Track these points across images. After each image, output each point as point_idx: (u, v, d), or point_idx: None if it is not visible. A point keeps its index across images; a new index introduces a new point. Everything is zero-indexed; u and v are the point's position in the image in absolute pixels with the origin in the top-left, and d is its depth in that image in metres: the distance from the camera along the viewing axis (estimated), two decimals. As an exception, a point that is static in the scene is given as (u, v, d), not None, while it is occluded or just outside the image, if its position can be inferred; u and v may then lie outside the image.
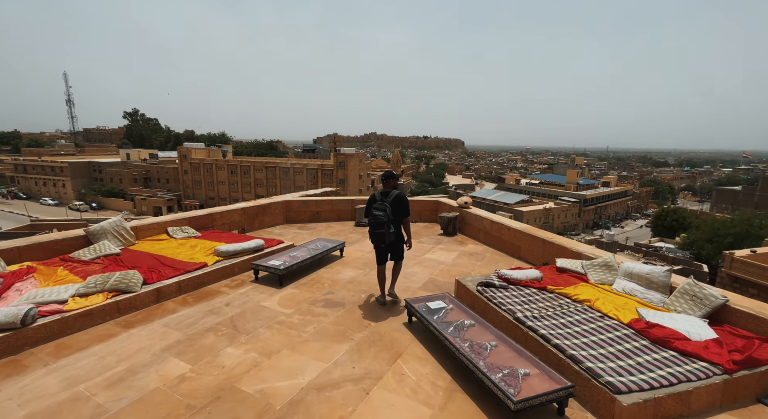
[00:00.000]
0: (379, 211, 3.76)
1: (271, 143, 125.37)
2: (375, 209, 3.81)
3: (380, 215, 3.74)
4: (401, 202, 3.91)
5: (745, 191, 55.22)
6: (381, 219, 3.73)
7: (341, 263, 5.60)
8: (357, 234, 7.45)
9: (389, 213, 3.76)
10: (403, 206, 3.93)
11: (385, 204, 3.80)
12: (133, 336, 3.31)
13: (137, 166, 73.52)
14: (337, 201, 8.71)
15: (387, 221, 3.73)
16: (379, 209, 3.78)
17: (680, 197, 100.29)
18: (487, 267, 5.53)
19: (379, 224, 3.75)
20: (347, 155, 59.81)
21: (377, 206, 3.82)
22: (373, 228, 3.81)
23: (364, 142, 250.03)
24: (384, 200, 3.87)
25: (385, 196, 3.92)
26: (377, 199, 3.91)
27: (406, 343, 3.34)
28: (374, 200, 3.92)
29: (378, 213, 3.76)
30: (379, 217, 3.74)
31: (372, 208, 3.86)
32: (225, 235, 6.08)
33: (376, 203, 3.87)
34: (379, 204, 3.82)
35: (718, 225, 38.25)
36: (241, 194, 66.19)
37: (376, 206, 3.84)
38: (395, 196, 3.90)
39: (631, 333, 3.00)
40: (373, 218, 3.78)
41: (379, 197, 3.91)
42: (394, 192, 3.94)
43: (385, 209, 3.76)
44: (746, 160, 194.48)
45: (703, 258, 36.29)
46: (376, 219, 3.75)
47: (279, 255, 5.18)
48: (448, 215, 7.58)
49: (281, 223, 8.20)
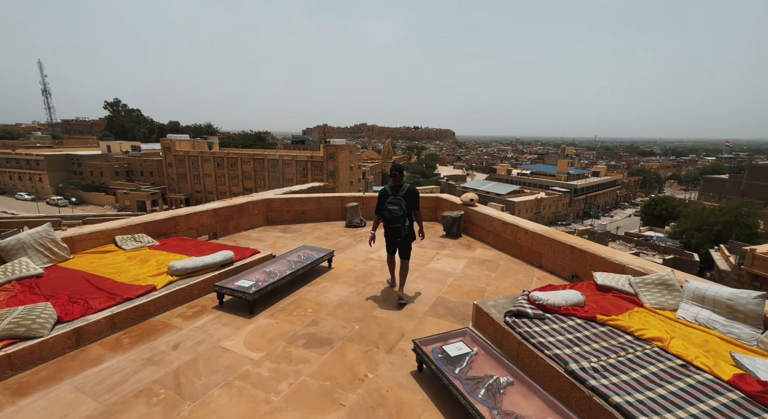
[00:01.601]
0: (394, 205, 3.77)
1: (260, 135, 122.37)
2: (390, 204, 3.80)
3: (395, 209, 3.74)
4: (414, 195, 3.92)
5: (732, 179, 55.74)
6: (397, 214, 3.74)
7: (329, 278, 4.62)
8: (348, 237, 6.46)
9: (404, 207, 3.77)
10: (415, 200, 3.94)
11: (398, 198, 3.80)
12: (22, 410, 2.29)
13: (119, 159, 70.77)
14: (325, 199, 7.69)
15: (402, 215, 3.75)
16: (394, 203, 3.78)
17: (666, 186, 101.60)
18: (503, 279, 4.63)
19: (395, 219, 3.76)
20: (337, 147, 58.32)
21: (391, 201, 3.80)
22: (388, 223, 3.82)
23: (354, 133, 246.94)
24: (396, 194, 3.85)
25: (396, 190, 3.90)
26: (389, 193, 3.88)
27: (418, 410, 2.41)
28: (386, 195, 3.89)
29: (393, 208, 3.76)
30: (395, 211, 3.74)
31: (386, 203, 3.83)
32: (189, 243, 5.03)
33: (388, 197, 3.85)
34: (393, 198, 3.81)
35: (707, 214, 38.39)
36: (229, 186, 64.34)
37: (389, 200, 3.81)
38: (408, 189, 3.89)
39: (741, 398, 2.11)
40: (388, 212, 3.78)
41: (391, 192, 3.89)
42: (406, 186, 3.92)
43: (400, 203, 3.76)
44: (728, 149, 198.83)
45: (692, 247, 36.42)
46: (391, 214, 3.76)
47: (252, 271, 4.18)
48: (451, 214, 6.64)
49: (261, 225, 7.16)
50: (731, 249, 32.89)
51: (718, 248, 34.00)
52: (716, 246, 34.74)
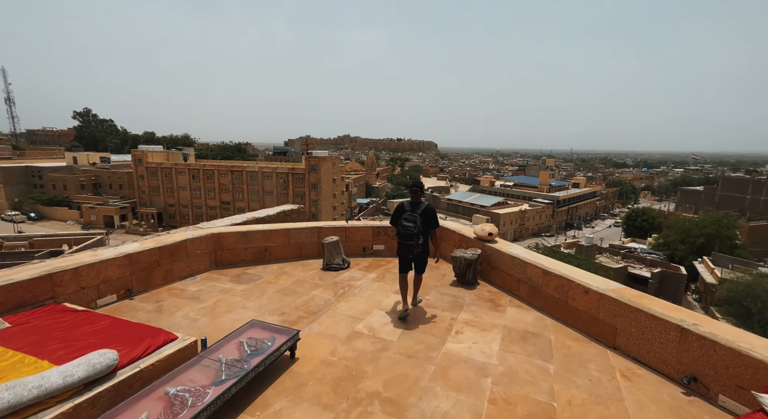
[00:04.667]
0: (410, 222, 3.80)
1: (240, 146, 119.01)
2: (405, 221, 3.83)
3: (411, 226, 3.78)
4: (431, 215, 3.94)
5: (706, 191, 56.96)
6: (411, 231, 3.77)
7: (289, 386, 2.77)
8: (325, 290, 4.64)
9: (419, 225, 3.79)
10: (432, 219, 3.95)
11: (415, 215, 3.82)
12: None
13: (85, 171, 66.49)
14: (297, 231, 5.85)
15: (417, 232, 3.77)
16: (410, 220, 3.81)
17: (641, 197, 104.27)
18: (571, 379, 2.89)
19: (410, 236, 3.78)
20: (320, 158, 56.44)
21: (407, 218, 3.84)
22: (402, 239, 3.84)
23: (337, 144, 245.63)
24: (414, 211, 3.88)
25: (414, 207, 3.92)
26: (406, 209, 3.92)
27: None
28: (403, 210, 3.93)
29: (408, 224, 3.79)
30: (410, 228, 3.77)
31: (402, 218, 3.87)
32: (62, 324, 3.09)
33: (405, 213, 3.90)
34: (409, 215, 3.84)
35: (690, 226, 38.47)
36: (205, 200, 61.17)
37: (405, 216, 3.86)
38: (425, 208, 3.91)
39: None
40: (403, 228, 3.81)
41: (409, 208, 3.93)
42: (424, 204, 3.94)
43: (416, 221, 3.79)
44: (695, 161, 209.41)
45: (677, 260, 36.21)
46: (406, 230, 3.79)
47: (151, 391, 2.32)
48: (465, 254, 4.92)
49: (207, 269, 5.24)
50: (715, 261, 32.75)
51: (702, 261, 33.84)
52: (699, 258, 34.62)
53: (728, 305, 25.08)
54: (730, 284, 24.88)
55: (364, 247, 6.19)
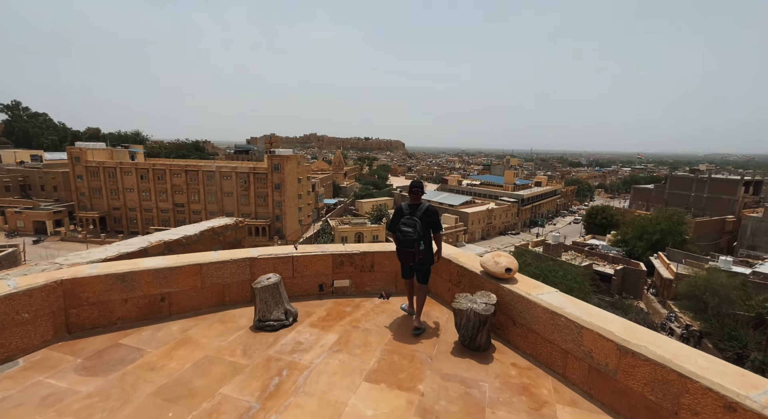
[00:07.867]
0: (409, 227, 3.41)
1: (197, 144, 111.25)
2: (404, 225, 3.45)
3: (410, 232, 3.39)
4: (432, 217, 3.55)
5: (657, 189, 60.06)
6: (411, 236, 3.38)
7: None
8: (249, 383, 2.72)
9: (419, 229, 3.41)
10: (433, 221, 3.56)
11: (414, 219, 3.43)
12: None
13: (11, 170, 58.51)
14: (215, 267, 3.82)
15: (417, 238, 3.39)
16: (408, 224, 3.42)
17: (596, 195, 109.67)
18: None
19: (409, 242, 3.40)
20: (284, 157, 53.13)
21: (405, 222, 3.46)
22: (401, 246, 3.46)
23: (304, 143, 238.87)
24: (413, 214, 3.50)
25: (413, 209, 3.55)
26: (405, 212, 3.56)
27: None
28: (401, 214, 3.57)
29: (408, 230, 3.41)
30: (409, 234, 3.39)
31: (400, 223, 3.50)
32: None
33: (403, 216, 3.52)
34: (408, 219, 3.46)
35: (645, 223, 39.96)
36: (156, 202, 55.80)
37: (404, 221, 3.48)
38: (425, 210, 3.52)
39: None
40: (401, 234, 3.44)
41: (407, 211, 3.55)
42: (424, 205, 3.56)
43: (415, 225, 3.41)
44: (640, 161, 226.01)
45: (635, 256, 37.36)
46: (405, 236, 3.41)
47: None
48: (475, 306, 3.15)
49: (45, 342, 3.11)
50: (669, 257, 33.98)
51: (658, 256, 35.04)
52: (655, 254, 35.88)
53: (686, 300, 25.69)
54: (690, 280, 25.45)
55: (321, 284, 4.28)
